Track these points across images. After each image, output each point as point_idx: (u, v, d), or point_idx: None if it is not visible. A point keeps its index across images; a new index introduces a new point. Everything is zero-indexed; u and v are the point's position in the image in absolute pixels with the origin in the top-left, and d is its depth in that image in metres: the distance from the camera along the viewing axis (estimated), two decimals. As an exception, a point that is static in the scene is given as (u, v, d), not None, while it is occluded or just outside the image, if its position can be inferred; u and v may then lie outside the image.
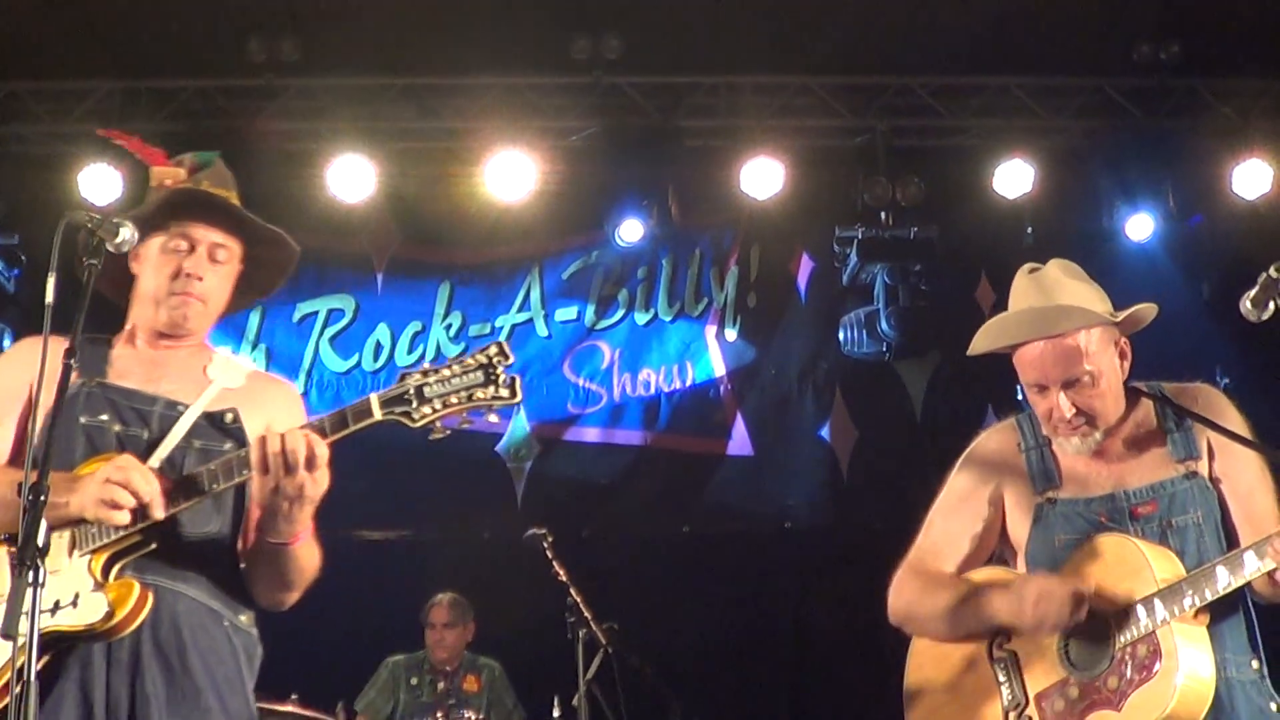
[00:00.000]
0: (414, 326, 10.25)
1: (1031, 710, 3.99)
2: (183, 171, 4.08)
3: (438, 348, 10.28)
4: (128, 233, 3.60)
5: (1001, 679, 4.08)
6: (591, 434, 10.40)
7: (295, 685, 7.73)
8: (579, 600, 7.83)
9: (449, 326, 10.23)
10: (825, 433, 10.61)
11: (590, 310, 10.47)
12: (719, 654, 9.89)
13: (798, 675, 10.28)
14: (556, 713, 8.19)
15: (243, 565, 3.89)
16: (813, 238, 10.64)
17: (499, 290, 10.39)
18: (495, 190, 9.71)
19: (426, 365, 3.71)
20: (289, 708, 7.52)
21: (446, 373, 3.68)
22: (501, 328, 10.34)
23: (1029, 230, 10.52)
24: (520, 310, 10.41)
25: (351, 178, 9.57)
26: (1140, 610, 3.81)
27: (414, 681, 9.11)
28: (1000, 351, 4.19)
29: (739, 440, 10.53)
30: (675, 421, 10.47)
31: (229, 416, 3.90)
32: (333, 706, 8.78)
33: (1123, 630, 3.85)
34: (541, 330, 10.41)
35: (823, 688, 10.23)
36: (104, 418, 3.80)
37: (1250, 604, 3.92)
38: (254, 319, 10.14)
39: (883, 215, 10.03)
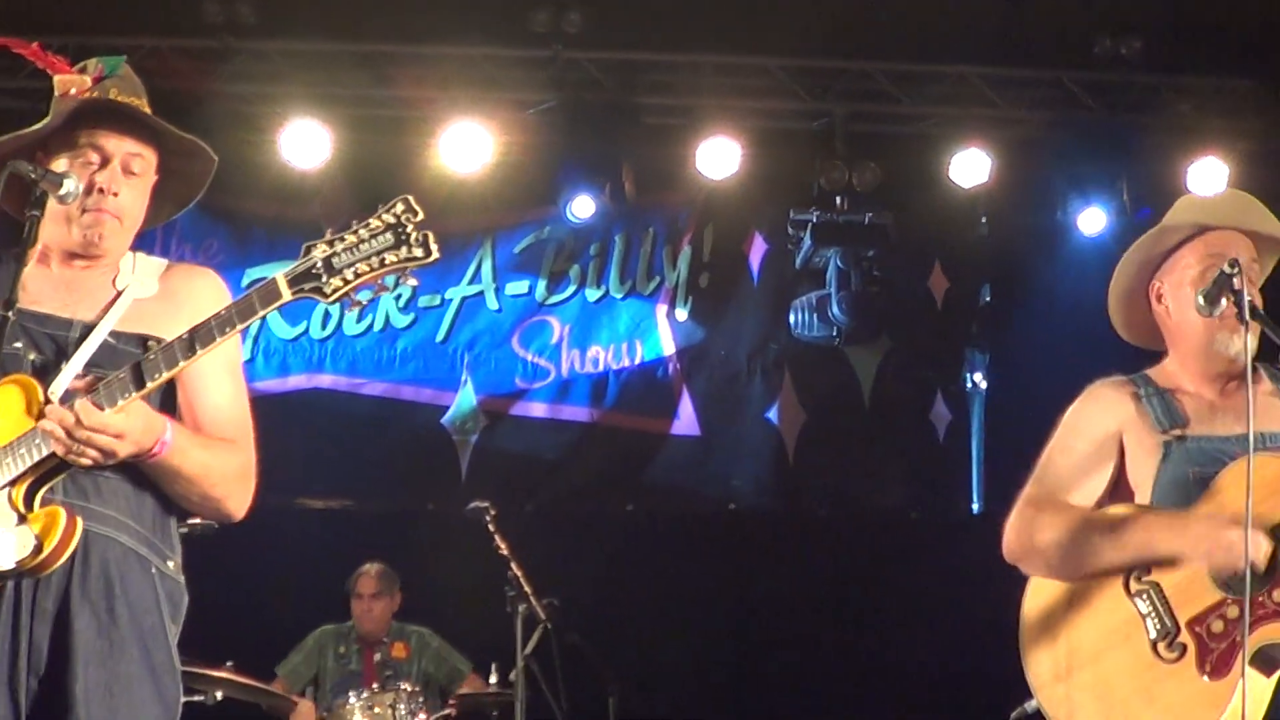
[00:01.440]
0: (363, 295, 10.14)
1: (1185, 637, 3.86)
2: (88, 79, 3.83)
3: (387, 318, 10.21)
4: (71, 184, 3.52)
5: (1145, 610, 3.94)
6: (538, 409, 10.36)
7: (232, 652, 7.69)
8: (520, 575, 7.84)
9: (399, 297, 10.14)
10: (773, 415, 10.59)
11: (541, 285, 10.42)
12: (659, 634, 9.88)
13: (739, 657, 10.28)
14: (493, 679, 8.17)
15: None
16: (767, 220, 10.62)
17: (450, 262, 10.30)
18: (450, 161, 9.64)
19: (330, 233, 3.50)
20: (223, 674, 7.48)
21: (353, 238, 3.47)
22: (451, 299, 10.28)
23: (983, 220, 10.56)
24: (471, 283, 10.34)
25: (305, 144, 9.47)
26: None
27: (341, 650, 9.07)
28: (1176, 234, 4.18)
29: (686, 420, 10.51)
30: (623, 399, 10.44)
31: (149, 344, 3.64)
32: (269, 674, 8.77)
33: None
34: (492, 303, 10.35)
35: (764, 670, 10.24)
36: (18, 345, 3.58)
37: None
38: (203, 282, 10.02)
39: (838, 200, 10.01)
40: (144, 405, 3.52)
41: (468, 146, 9.56)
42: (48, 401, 3.48)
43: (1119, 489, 4.17)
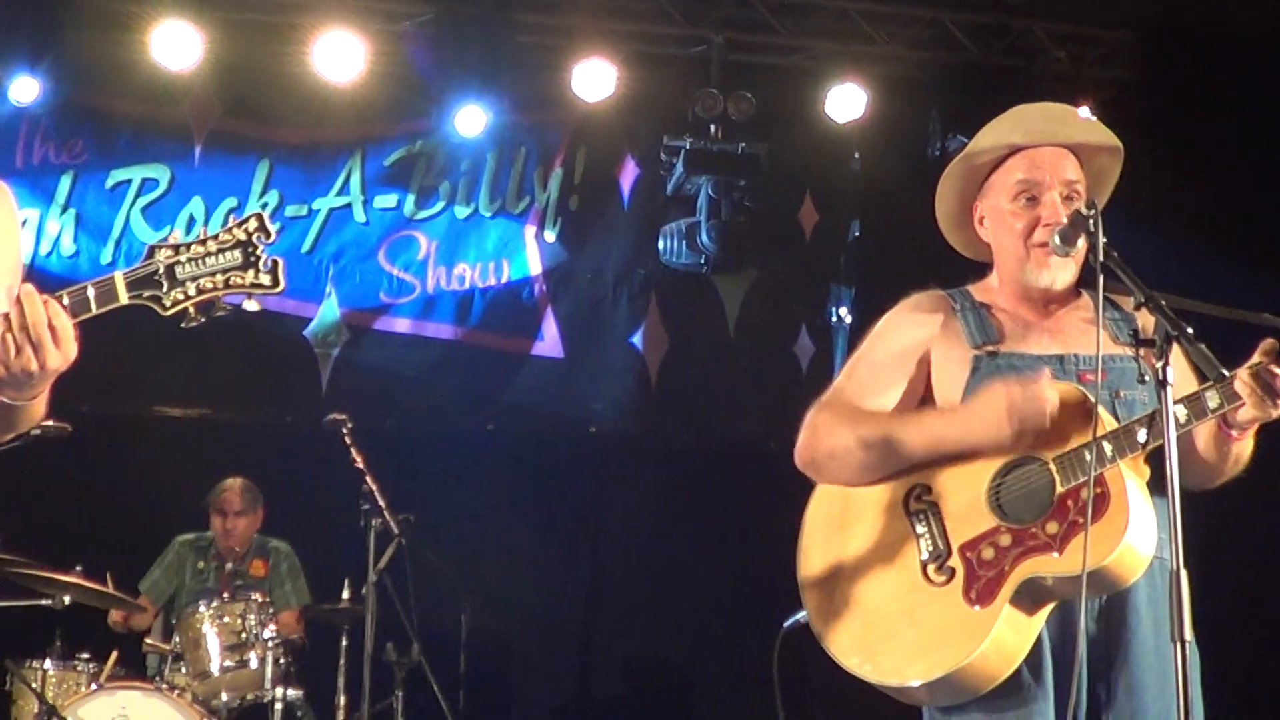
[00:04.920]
0: (229, 202, 10.01)
1: (955, 561, 3.85)
2: None
3: (253, 219, 10.07)
4: None
5: (920, 530, 3.94)
6: (402, 325, 10.28)
7: (81, 557, 7.60)
8: (375, 489, 7.82)
9: (265, 205, 10.00)
10: (637, 340, 10.60)
11: (410, 200, 10.32)
12: (514, 553, 9.90)
13: (592, 578, 10.34)
14: (345, 594, 8.13)
15: None
16: (640, 145, 10.58)
17: (319, 172, 10.18)
18: (323, 70, 9.52)
19: (178, 237, 3.31)
20: (72, 578, 7.38)
21: (200, 249, 3.28)
22: (319, 210, 10.15)
23: (856, 156, 10.59)
24: (339, 194, 10.22)
25: (176, 45, 9.28)
26: (1087, 453, 3.69)
27: (200, 565, 8.97)
28: (985, 156, 4.14)
29: (550, 342, 10.49)
30: (487, 318, 10.39)
31: None
32: (124, 579, 8.67)
33: (1066, 474, 3.75)
34: (359, 216, 10.23)
35: (616, 591, 10.32)
36: None
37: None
38: (64, 183, 9.82)
39: (712, 128, 9.99)
40: None
41: (341, 56, 9.44)
42: None
43: (925, 403, 4.13)
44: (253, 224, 3.32)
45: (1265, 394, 3.58)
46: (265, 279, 3.30)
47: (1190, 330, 3.46)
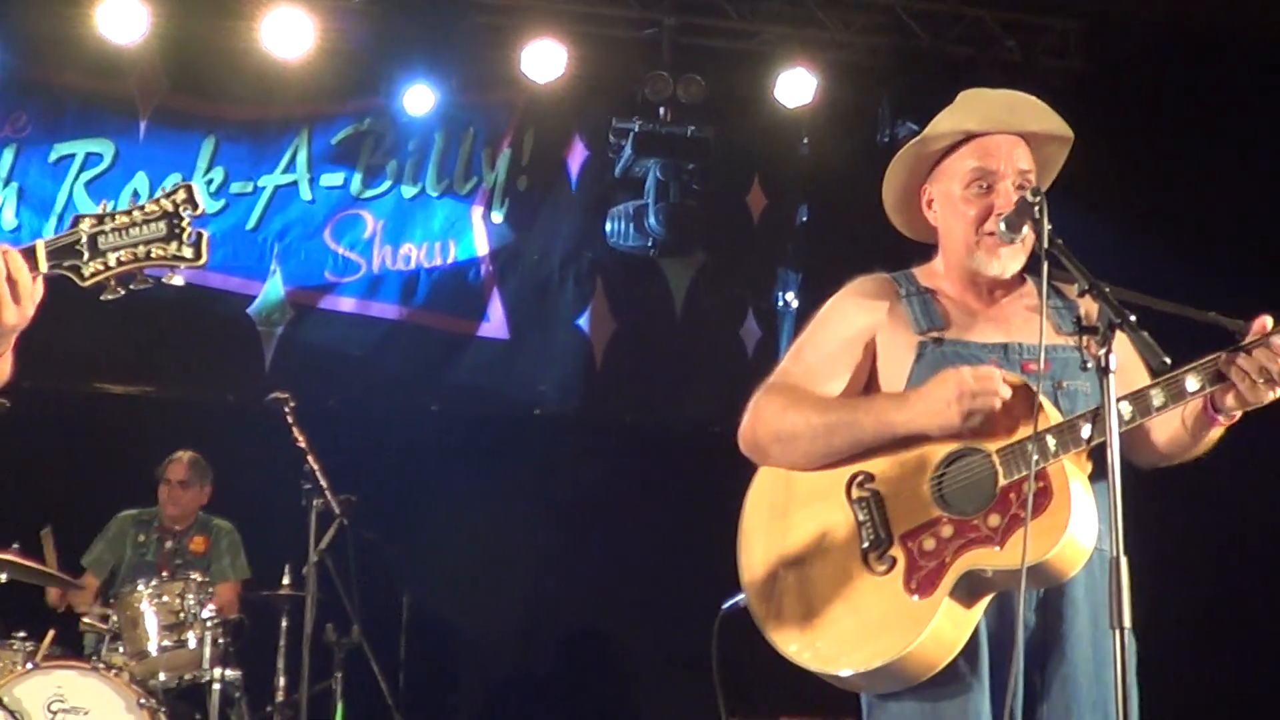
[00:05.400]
0: (174, 178, 9.91)
1: (896, 551, 3.83)
2: None
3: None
4: None
5: (862, 518, 3.90)
6: (347, 304, 10.23)
7: (20, 535, 7.55)
8: (317, 469, 7.80)
9: (210, 181, 9.94)
10: (583, 322, 10.59)
11: (357, 178, 10.26)
12: (456, 535, 9.87)
13: (534, 560, 10.31)
14: (286, 579, 8.10)
15: None
16: (589, 126, 10.57)
17: (265, 149, 10.11)
18: (271, 47, 9.46)
19: (105, 207, 3.24)
20: (10, 556, 7.33)
21: (124, 219, 3.20)
22: (264, 187, 10.08)
23: (805, 141, 10.61)
24: (285, 171, 10.15)
25: (123, 19, 9.21)
26: (1030, 446, 3.67)
27: (141, 539, 8.92)
28: (939, 141, 4.11)
29: (495, 323, 10.46)
30: (433, 299, 10.35)
31: None
32: (60, 558, 8.61)
33: (1009, 467, 3.73)
34: (305, 194, 10.17)
35: (558, 573, 10.29)
36: None
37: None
38: (7, 156, 9.73)
39: (662, 111, 9.98)
40: None
41: (290, 32, 9.39)
42: None
43: (870, 389, 4.10)
44: (181, 195, 3.25)
45: (1260, 378, 3.58)
46: (188, 251, 3.23)
47: (1134, 318, 3.45)
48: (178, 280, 3.25)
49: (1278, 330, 3.59)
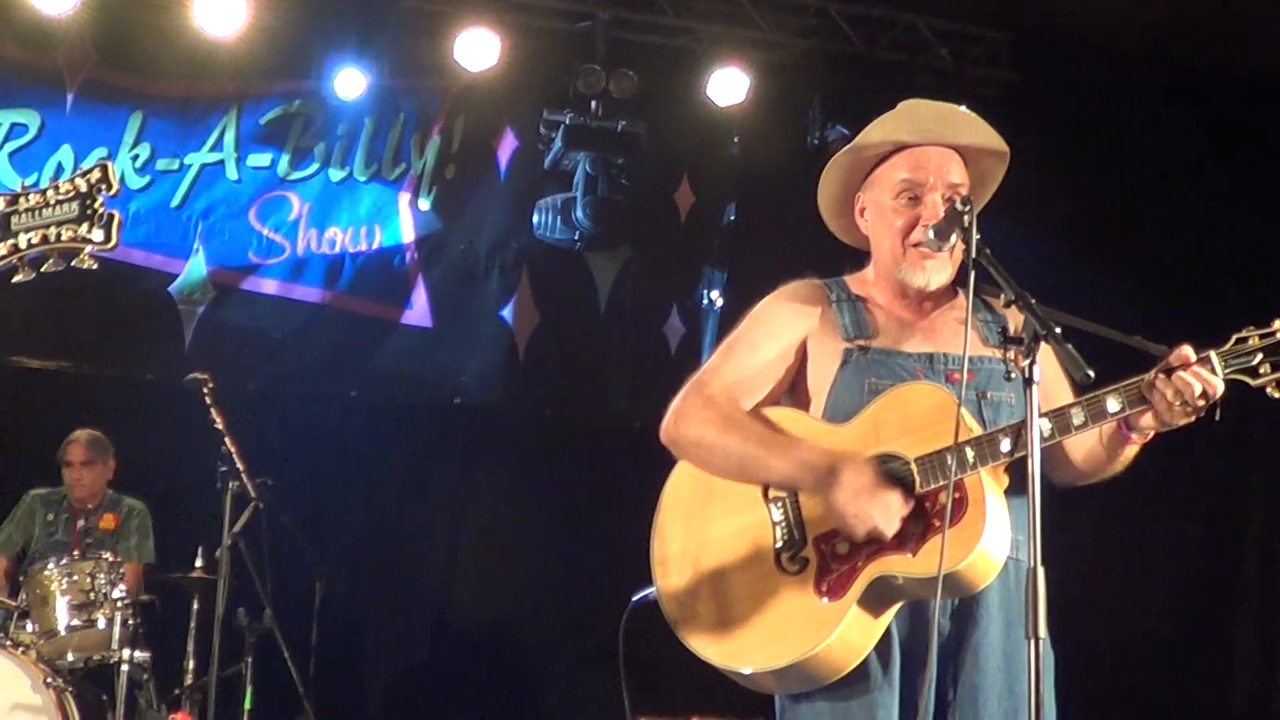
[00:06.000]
0: (100, 152, 9.82)
1: (809, 552, 3.84)
2: None
3: (122, 177, 9.90)
4: None
5: (777, 518, 3.92)
6: (270, 285, 10.15)
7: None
8: (234, 451, 7.75)
9: (136, 157, 9.84)
10: (507, 313, 10.56)
11: (284, 160, 10.19)
12: (372, 522, 9.85)
13: (449, 549, 10.30)
14: (199, 562, 8.06)
15: None
16: (520, 117, 10.53)
17: (193, 127, 10.02)
18: (204, 24, 9.37)
19: (24, 185, 3.20)
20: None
21: (38, 198, 3.17)
22: (190, 165, 9.99)
23: (735, 140, 10.62)
24: (212, 150, 10.06)
25: (53, -11, 9.14)
26: (949, 456, 3.68)
27: (50, 518, 8.83)
28: (872, 149, 4.11)
29: (419, 310, 10.41)
30: (357, 284, 10.29)
31: None
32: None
33: (926, 476, 3.74)
34: (231, 173, 10.09)
35: (472, 563, 10.29)
36: None
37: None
38: (-69, 126, 9.65)
39: (593, 104, 9.98)
40: None
41: (222, 10, 9.31)
42: None
43: (798, 392, 4.14)
44: (96, 174, 3.20)
45: (1175, 400, 3.61)
46: (98, 234, 3.19)
47: (1059, 330, 3.47)
48: (90, 264, 3.19)
49: (1201, 361, 3.62)
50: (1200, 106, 10.30)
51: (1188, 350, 3.63)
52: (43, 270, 3.17)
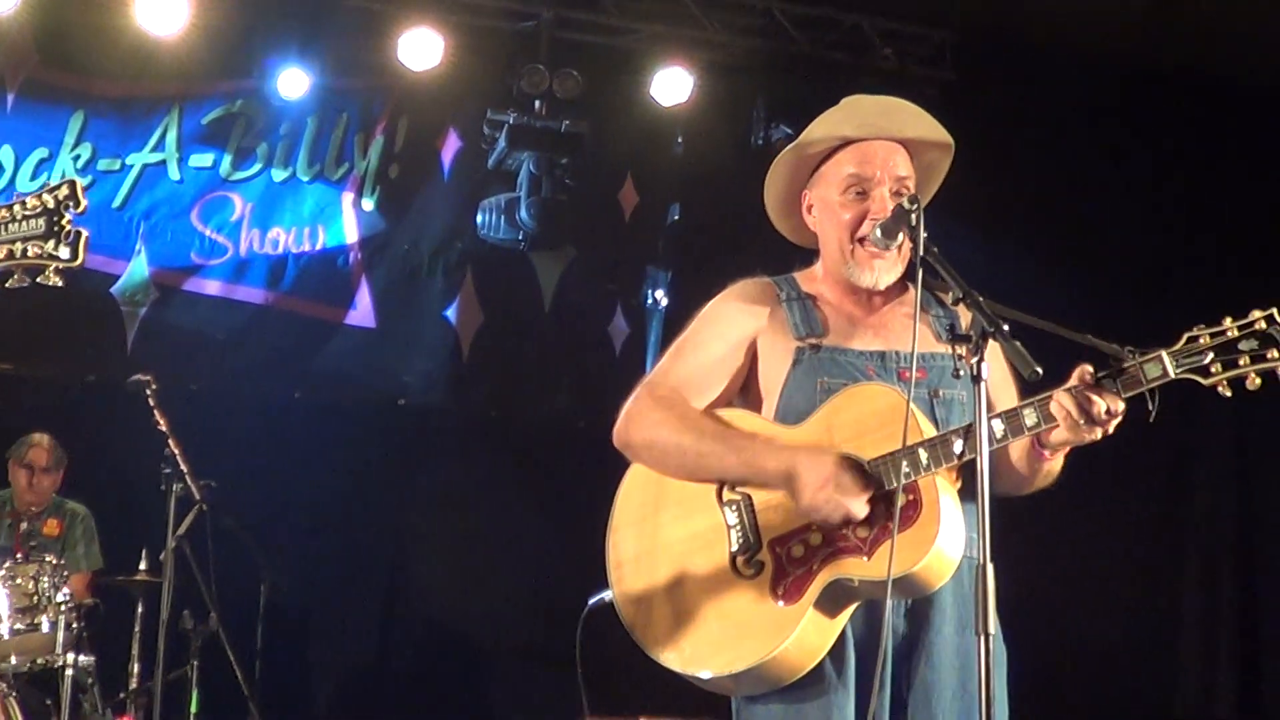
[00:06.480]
0: (40, 153, 9.76)
1: (765, 555, 3.85)
2: None
3: (63, 177, 9.83)
4: None
5: (732, 521, 3.93)
6: (213, 286, 10.10)
7: None
8: (177, 453, 7.71)
9: (77, 157, 9.78)
10: (451, 313, 10.54)
11: (227, 160, 10.13)
12: (317, 524, 9.81)
13: (396, 550, 10.28)
14: (143, 565, 8.02)
15: None
16: (463, 117, 10.51)
17: (134, 127, 9.95)
18: (145, 23, 9.32)
19: None
20: None
21: (4, 213, 3.19)
22: (132, 165, 9.92)
23: (679, 140, 10.63)
24: (154, 150, 10.01)
25: (-8, -11, 9.07)
26: (902, 459, 3.70)
27: (-9, 522, 8.79)
28: (817, 146, 4.11)
29: (363, 311, 10.38)
30: (300, 284, 10.25)
31: None
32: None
33: (881, 477, 3.76)
34: (174, 174, 10.03)
35: (419, 565, 10.27)
36: None
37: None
38: None
39: (537, 104, 9.96)
40: None
41: (164, 9, 9.26)
42: None
43: (749, 392, 4.15)
44: (64, 191, 3.20)
45: (1081, 419, 3.63)
46: (65, 251, 3.20)
47: (1007, 328, 3.49)
48: (55, 281, 3.17)
49: (1107, 377, 3.64)
50: (1141, 105, 10.40)
51: (1088, 369, 3.64)
52: (7, 286, 3.14)
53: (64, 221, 3.15)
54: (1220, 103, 10.53)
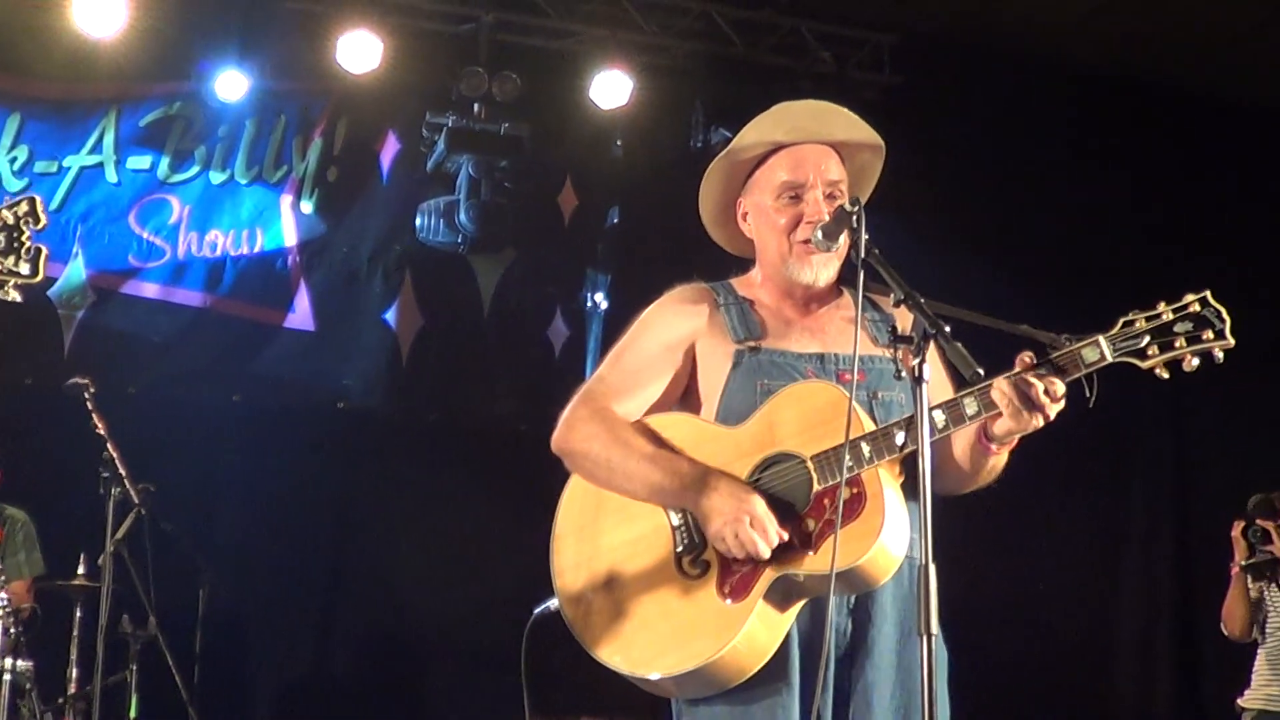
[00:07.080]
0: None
1: (710, 555, 3.87)
2: None
3: (-1, 181, 9.79)
4: None
5: (675, 521, 3.95)
6: (151, 289, 10.04)
7: None
8: (115, 457, 7.66)
9: (14, 160, 9.70)
10: (390, 316, 10.52)
11: (164, 163, 10.08)
12: (257, 528, 9.77)
13: (335, 555, 10.25)
14: (81, 569, 7.97)
15: None
16: (402, 120, 10.49)
17: (71, 129, 9.88)
18: (82, 24, 9.25)
19: None
20: None
21: None
22: (69, 168, 9.86)
23: (618, 143, 10.64)
24: (91, 153, 9.94)
25: (-77, -13, 9.00)
26: (845, 452, 3.70)
27: (-71, 529, 8.71)
28: (748, 152, 4.14)
29: (301, 314, 10.35)
30: (238, 287, 10.20)
31: None
32: None
33: (823, 473, 3.78)
34: (111, 176, 9.97)
35: (359, 570, 10.23)
36: None
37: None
38: None
39: (476, 107, 9.95)
40: None
41: (101, 10, 9.19)
42: None
43: (689, 397, 4.16)
44: (23, 207, 3.19)
45: (1022, 404, 3.67)
46: (25, 268, 3.20)
47: (948, 329, 3.52)
48: (14, 296, 3.17)
49: (1044, 363, 3.69)
50: (1080, 106, 10.49)
51: (1028, 355, 3.70)
52: None
53: (24, 237, 3.15)
54: (1156, 101, 10.67)
